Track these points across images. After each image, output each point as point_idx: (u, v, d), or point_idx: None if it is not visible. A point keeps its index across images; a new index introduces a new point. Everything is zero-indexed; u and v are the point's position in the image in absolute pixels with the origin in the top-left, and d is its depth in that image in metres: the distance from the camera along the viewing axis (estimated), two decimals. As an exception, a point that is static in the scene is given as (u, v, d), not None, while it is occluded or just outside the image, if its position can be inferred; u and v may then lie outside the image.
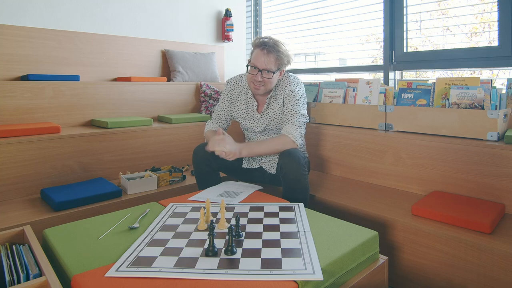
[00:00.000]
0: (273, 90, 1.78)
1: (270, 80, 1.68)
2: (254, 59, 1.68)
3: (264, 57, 1.64)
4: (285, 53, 1.68)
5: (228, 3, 3.49)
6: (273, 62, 1.65)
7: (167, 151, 2.40)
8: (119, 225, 1.29)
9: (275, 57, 1.65)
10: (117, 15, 2.76)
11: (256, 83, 1.68)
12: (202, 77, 3.07)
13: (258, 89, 1.71)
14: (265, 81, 1.68)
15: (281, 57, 1.67)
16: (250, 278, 0.92)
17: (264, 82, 1.68)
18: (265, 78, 1.67)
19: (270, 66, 1.65)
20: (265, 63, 1.64)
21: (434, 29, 2.38)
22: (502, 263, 1.24)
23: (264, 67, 1.65)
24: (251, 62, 1.70)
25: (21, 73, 2.29)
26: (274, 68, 1.67)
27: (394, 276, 1.53)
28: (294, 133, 1.69)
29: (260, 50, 1.66)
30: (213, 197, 1.55)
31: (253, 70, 1.68)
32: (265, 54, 1.64)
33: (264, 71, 1.65)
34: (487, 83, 1.72)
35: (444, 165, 1.71)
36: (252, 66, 1.67)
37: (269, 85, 1.70)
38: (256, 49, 1.69)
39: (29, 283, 0.89)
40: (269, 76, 1.67)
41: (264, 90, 1.72)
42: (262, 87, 1.70)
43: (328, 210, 1.76)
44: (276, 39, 1.70)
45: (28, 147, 1.85)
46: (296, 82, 1.77)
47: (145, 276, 0.93)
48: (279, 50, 1.65)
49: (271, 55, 1.64)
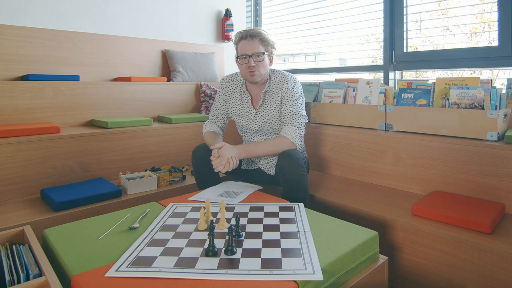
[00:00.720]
0: (267, 85, 1.78)
1: (263, 62, 1.72)
2: (240, 49, 1.74)
3: (249, 44, 1.70)
4: (267, 36, 1.74)
5: (228, 3, 3.49)
6: (259, 45, 1.70)
7: (167, 151, 2.40)
8: (119, 225, 1.29)
9: (259, 40, 1.71)
10: (117, 15, 2.76)
11: (251, 69, 1.71)
12: (202, 77, 3.07)
13: (254, 75, 1.72)
14: (258, 64, 1.71)
15: (265, 38, 1.72)
16: (250, 278, 0.92)
17: (257, 66, 1.71)
18: (257, 62, 1.70)
19: (257, 49, 1.70)
20: (252, 48, 1.69)
21: (434, 29, 2.38)
22: (502, 263, 1.24)
23: (253, 51, 1.69)
24: (239, 54, 1.75)
25: (21, 73, 2.29)
26: (262, 49, 1.71)
27: (394, 276, 1.53)
28: (293, 134, 1.69)
29: (244, 40, 1.72)
30: (213, 197, 1.55)
31: (243, 60, 1.72)
32: (249, 40, 1.70)
33: (254, 55, 1.69)
34: (487, 83, 1.72)
35: (444, 165, 1.71)
36: (242, 56, 1.72)
37: (263, 69, 1.73)
38: (239, 42, 1.75)
39: (29, 283, 0.89)
40: (261, 58, 1.71)
41: (259, 76, 1.73)
42: (256, 72, 1.72)
43: (328, 210, 1.76)
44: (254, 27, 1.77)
45: (28, 147, 1.85)
46: (294, 82, 1.78)
47: (145, 276, 0.93)
48: (260, 33, 1.72)
49: (255, 39, 1.70)
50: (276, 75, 1.81)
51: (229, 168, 1.60)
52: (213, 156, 1.62)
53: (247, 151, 1.68)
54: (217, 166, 1.60)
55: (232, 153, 1.62)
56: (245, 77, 1.77)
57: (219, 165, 1.60)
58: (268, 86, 1.79)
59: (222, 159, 1.59)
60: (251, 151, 1.68)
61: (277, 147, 1.69)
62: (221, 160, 1.59)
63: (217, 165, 1.60)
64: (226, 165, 1.59)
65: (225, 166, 1.59)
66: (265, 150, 1.69)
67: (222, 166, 1.59)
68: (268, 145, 1.69)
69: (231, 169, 1.61)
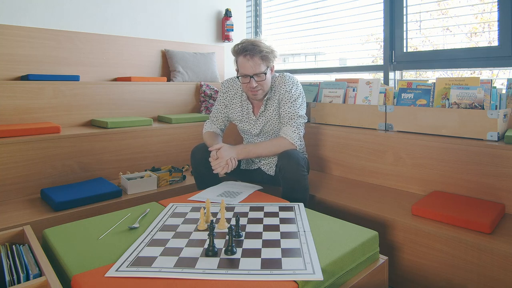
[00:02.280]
0: (269, 92, 1.76)
1: (265, 81, 1.67)
2: (241, 67, 1.66)
3: (249, 63, 1.62)
4: (268, 49, 1.65)
5: (228, 3, 3.49)
6: (260, 64, 1.63)
7: (167, 151, 2.40)
8: (119, 225, 1.29)
9: (260, 58, 1.62)
10: (117, 15, 2.76)
11: (253, 89, 1.67)
12: (202, 77, 3.07)
13: (257, 94, 1.70)
14: (260, 84, 1.66)
15: (266, 55, 1.64)
16: (250, 278, 0.92)
17: (260, 85, 1.67)
18: (259, 81, 1.65)
19: (259, 69, 1.63)
20: (252, 68, 1.62)
21: (434, 29, 2.38)
22: (502, 263, 1.24)
23: (254, 72, 1.63)
24: (239, 71, 1.68)
25: (21, 73, 2.29)
26: (263, 69, 1.64)
27: (394, 276, 1.53)
28: (292, 135, 1.68)
29: (243, 57, 1.63)
30: (213, 197, 1.55)
31: (244, 79, 1.66)
32: (249, 59, 1.62)
33: (255, 75, 1.63)
34: (487, 83, 1.72)
35: (444, 165, 1.71)
36: (242, 75, 1.66)
37: (265, 86, 1.69)
38: (238, 57, 1.66)
39: (29, 283, 0.89)
40: (262, 78, 1.65)
41: (262, 93, 1.71)
42: (259, 91, 1.68)
43: (328, 210, 1.76)
44: (253, 39, 1.67)
45: (28, 147, 1.85)
46: (292, 82, 1.74)
47: (145, 276, 0.93)
48: (261, 50, 1.62)
49: (255, 57, 1.61)
50: (277, 79, 1.77)
51: (228, 170, 1.60)
52: (212, 158, 1.62)
53: (246, 152, 1.67)
54: (216, 168, 1.60)
55: (231, 154, 1.61)
56: (247, 95, 1.75)
57: (218, 166, 1.59)
58: (270, 93, 1.76)
59: (221, 160, 1.59)
60: (249, 152, 1.67)
61: (276, 148, 1.68)
62: (220, 162, 1.58)
63: (216, 166, 1.59)
64: (225, 166, 1.59)
65: (224, 167, 1.59)
66: (264, 150, 1.68)
67: (221, 168, 1.58)
68: (267, 145, 1.68)
69: (230, 171, 1.61)
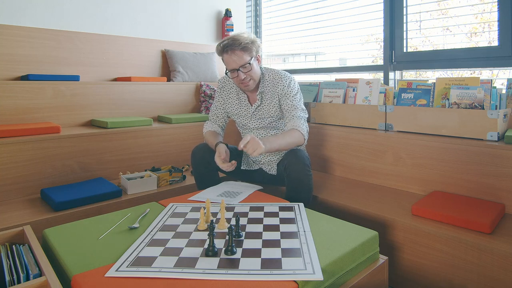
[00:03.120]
0: (261, 85, 1.78)
1: (252, 70, 1.69)
2: (227, 64, 1.70)
3: (232, 57, 1.65)
4: (247, 40, 1.66)
5: (228, 3, 3.49)
6: (242, 55, 1.65)
7: (167, 151, 2.40)
8: (119, 225, 1.29)
9: (241, 50, 1.65)
10: (117, 15, 2.76)
11: (243, 81, 1.70)
12: (202, 77, 3.07)
13: (248, 85, 1.72)
14: (248, 74, 1.69)
15: (246, 46, 1.65)
16: (250, 278, 0.92)
17: (248, 75, 1.69)
18: (247, 72, 1.68)
19: (243, 60, 1.65)
20: (236, 61, 1.65)
21: (434, 29, 2.38)
22: (502, 263, 1.24)
23: (239, 65, 1.65)
24: (226, 69, 1.72)
25: (21, 73, 2.29)
26: (247, 58, 1.66)
27: (394, 276, 1.53)
28: (302, 126, 1.69)
29: (226, 54, 1.66)
30: (213, 197, 1.55)
31: (233, 74, 1.69)
32: (231, 54, 1.65)
33: (241, 68, 1.66)
34: (487, 83, 1.72)
35: (444, 165, 1.71)
36: (230, 70, 1.69)
37: (255, 75, 1.71)
38: (222, 55, 1.69)
39: (29, 283, 0.89)
40: (248, 68, 1.67)
41: (254, 83, 1.73)
42: (250, 81, 1.71)
43: (328, 210, 1.76)
44: (233, 35, 1.69)
45: (28, 147, 1.85)
46: (289, 78, 1.77)
47: (145, 276, 0.93)
48: (240, 43, 1.64)
49: (236, 51, 1.64)
50: (269, 73, 1.80)
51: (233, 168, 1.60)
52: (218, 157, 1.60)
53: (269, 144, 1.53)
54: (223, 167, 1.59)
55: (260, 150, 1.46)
56: (240, 88, 1.78)
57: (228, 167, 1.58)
58: (262, 85, 1.78)
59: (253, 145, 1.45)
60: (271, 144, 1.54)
61: (294, 140, 1.64)
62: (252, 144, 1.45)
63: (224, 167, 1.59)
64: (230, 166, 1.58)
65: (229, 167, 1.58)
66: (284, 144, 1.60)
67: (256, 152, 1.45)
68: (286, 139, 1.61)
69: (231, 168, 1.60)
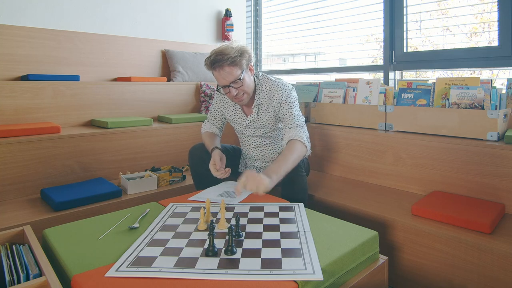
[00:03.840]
0: (256, 97, 1.73)
1: (245, 84, 1.62)
2: (217, 80, 1.63)
3: (221, 74, 1.58)
4: (236, 53, 1.57)
5: (228, 3, 3.49)
6: (233, 71, 1.57)
7: (167, 151, 2.40)
8: (119, 225, 1.29)
9: (229, 64, 1.56)
10: (117, 15, 2.76)
11: (236, 97, 1.64)
12: (202, 77, 3.07)
13: (242, 100, 1.67)
14: (241, 89, 1.62)
15: (235, 60, 1.56)
16: (250, 278, 0.92)
17: (241, 90, 1.63)
18: (239, 88, 1.61)
19: (233, 76, 1.57)
20: (226, 78, 1.58)
21: (434, 29, 2.38)
22: (502, 263, 1.24)
23: (229, 81, 1.58)
24: (218, 85, 1.66)
25: (21, 73, 2.29)
26: (238, 73, 1.59)
27: (394, 276, 1.53)
28: (303, 135, 1.63)
29: (214, 71, 1.59)
30: (213, 197, 1.55)
31: (225, 90, 1.63)
32: (220, 70, 1.57)
33: (232, 83, 1.59)
34: (487, 83, 1.71)
35: (444, 165, 1.71)
36: (221, 87, 1.63)
37: (248, 89, 1.65)
38: (212, 71, 1.61)
39: (29, 283, 0.88)
40: (240, 84, 1.60)
41: (248, 97, 1.68)
42: (243, 95, 1.65)
43: (328, 210, 1.76)
44: (220, 48, 1.59)
45: (28, 147, 1.85)
46: (287, 87, 1.71)
47: (145, 276, 0.93)
48: (228, 58, 1.54)
49: (225, 66, 1.56)
50: (266, 84, 1.73)
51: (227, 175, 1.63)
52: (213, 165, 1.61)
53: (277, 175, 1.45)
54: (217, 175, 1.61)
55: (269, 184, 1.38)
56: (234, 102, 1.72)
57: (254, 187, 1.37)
58: (258, 97, 1.73)
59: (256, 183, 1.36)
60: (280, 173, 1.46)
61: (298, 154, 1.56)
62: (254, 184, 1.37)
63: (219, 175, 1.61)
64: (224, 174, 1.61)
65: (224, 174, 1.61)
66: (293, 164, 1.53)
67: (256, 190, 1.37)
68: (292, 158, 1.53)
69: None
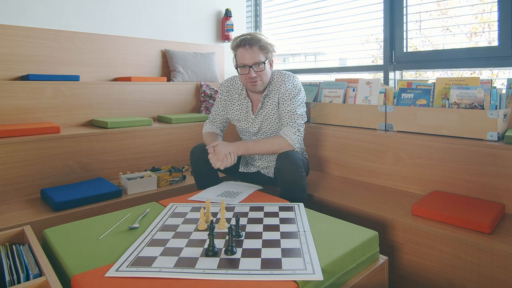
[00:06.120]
0: (267, 88, 1.75)
1: (264, 71, 1.66)
2: (239, 58, 1.65)
3: (248, 53, 1.61)
4: (267, 41, 1.64)
5: (228, 3, 3.49)
6: (259, 53, 1.62)
7: (167, 151, 2.40)
8: (119, 225, 1.29)
9: (259, 48, 1.62)
10: (117, 15, 2.76)
11: (252, 79, 1.65)
12: (202, 77, 3.07)
13: (256, 85, 1.67)
14: (259, 74, 1.65)
15: (265, 45, 1.63)
16: (250, 278, 0.92)
17: (259, 76, 1.65)
18: (258, 72, 1.64)
19: (258, 58, 1.62)
20: (251, 57, 1.61)
21: (434, 29, 2.38)
22: (502, 263, 1.24)
23: (253, 61, 1.62)
24: (238, 63, 1.67)
25: (21, 73, 2.29)
26: (263, 58, 1.63)
27: (394, 276, 1.53)
28: (292, 136, 1.65)
29: (242, 48, 1.63)
30: (213, 197, 1.55)
31: (243, 70, 1.65)
32: (248, 49, 1.61)
33: (254, 65, 1.62)
34: (487, 83, 1.72)
35: (444, 165, 1.71)
36: (241, 65, 1.65)
37: (265, 77, 1.68)
38: (237, 49, 1.66)
39: (29, 283, 0.89)
40: (261, 68, 1.64)
41: (261, 85, 1.69)
42: (259, 81, 1.67)
43: (328, 210, 1.76)
44: (252, 32, 1.68)
45: (28, 147, 1.85)
46: (291, 80, 1.72)
47: (145, 276, 0.93)
48: (260, 40, 1.62)
49: (254, 47, 1.61)
50: (276, 76, 1.76)
51: (228, 164, 1.59)
52: (210, 153, 1.62)
53: (245, 148, 1.66)
54: (214, 163, 1.59)
55: (229, 149, 1.61)
56: (246, 87, 1.73)
57: (217, 161, 1.59)
58: (268, 89, 1.75)
59: (219, 155, 1.59)
60: (248, 148, 1.66)
61: (275, 147, 1.66)
62: (218, 156, 1.59)
63: (215, 161, 1.59)
64: (224, 159, 1.58)
65: (223, 161, 1.58)
66: (263, 148, 1.66)
67: (220, 162, 1.58)
68: (266, 143, 1.67)
69: (229, 165, 1.60)
